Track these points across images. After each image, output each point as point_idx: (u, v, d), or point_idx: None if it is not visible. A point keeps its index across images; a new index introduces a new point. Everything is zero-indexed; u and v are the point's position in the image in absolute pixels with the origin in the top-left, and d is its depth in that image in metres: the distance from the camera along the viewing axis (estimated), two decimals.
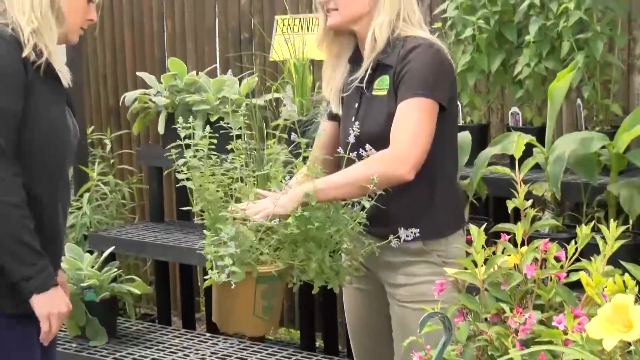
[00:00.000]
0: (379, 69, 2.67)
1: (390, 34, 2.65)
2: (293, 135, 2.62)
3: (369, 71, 2.68)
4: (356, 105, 2.72)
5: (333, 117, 2.82)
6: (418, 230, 2.53)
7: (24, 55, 2.36)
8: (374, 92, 2.68)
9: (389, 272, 2.71)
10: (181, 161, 2.56)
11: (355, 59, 2.76)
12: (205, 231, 2.52)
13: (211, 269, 2.46)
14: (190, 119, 2.64)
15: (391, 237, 2.53)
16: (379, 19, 2.65)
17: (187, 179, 2.57)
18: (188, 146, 2.57)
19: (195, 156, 2.55)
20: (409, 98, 2.57)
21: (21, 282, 2.37)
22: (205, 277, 2.49)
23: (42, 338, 2.45)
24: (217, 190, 2.56)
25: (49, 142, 2.44)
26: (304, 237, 2.50)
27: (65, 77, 2.50)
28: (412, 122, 2.55)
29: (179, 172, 2.58)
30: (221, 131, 2.68)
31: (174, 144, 2.58)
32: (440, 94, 2.60)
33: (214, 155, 2.58)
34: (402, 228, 2.54)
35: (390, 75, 2.64)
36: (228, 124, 2.69)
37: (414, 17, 2.70)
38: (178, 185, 2.59)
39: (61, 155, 2.49)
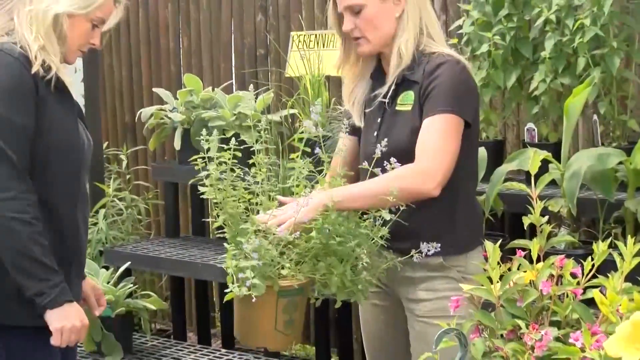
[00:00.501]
0: (403, 84, 2.68)
1: (415, 49, 2.66)
2: (317, 150, 2.61)
3: (392, 87, 2.68)
4: (379, 120, 2.72)
5: (353, 132, 2.82)
6: (439, 244, 2.52)
7: (33, 71, 2.39)
8: (398, 108, 2.68)
9: (408, 287, 2.71)
10: (203, 173, 2.56)
11: (378, 75, 2.77)
12: (226, 245, 2.53)
13: (232, 282, 2.46)
14: (205, 132, 2.64)
15: (413, 251, 2.52)
16: (404, 37, 2.66)
17: (208, 193, 2.57)
18: (210, 159, 2.57)
19: (217, 169, 2.55)
20: (435, 114, 2.57)
21: (34, 298, 2.39)
22: (226, 291, 2.48)
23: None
24: (239, 204, 2.56)
25: (64, 154, 2.47)
26: (325, 251, 2.50)
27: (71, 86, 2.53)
28: (439, 138, 2.56)
29: (200, 185, 2.58)
30: (239, 146, 2.67)
31: (196, 157, 2.58)
32: (466, 110, 2.61)
33: (237, 168, 2.58)
34: (423, 242, 2.53)
35: (415, 91, 2.65)
36: (244, 140, 2.69)
37: (436, 34, 2.71)
38: (200, 195, 2.58)
39: (77, 166, 2.51)
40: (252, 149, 2.63)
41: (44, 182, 2.43)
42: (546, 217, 2.03)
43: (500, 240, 2.45)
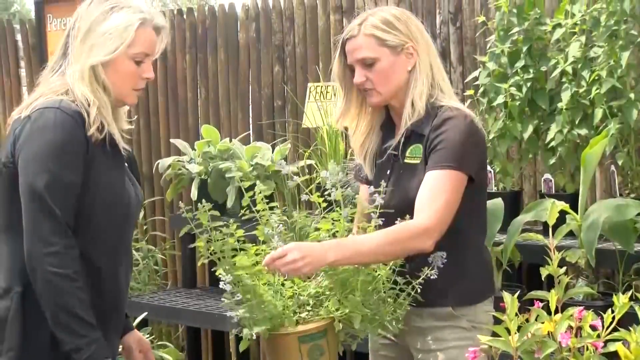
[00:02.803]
0: (412, 137, 2.68)
1: (427, 102, 2.67)
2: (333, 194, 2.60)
3: (402, 139, 2.69)
4: (388, 172, 2.73)
5: (368, 182, 2.82)
6: (444, 253, 2.51)
7: (89, 133, 2.40)
8: (407, 160, 2.69)
9: (418, 337, 2.69)
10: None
11: (388, 127, 2.78)
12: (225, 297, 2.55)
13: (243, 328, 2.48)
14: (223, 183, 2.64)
15: (426, 269, 2.51)
16: (417, 89, 2.67)
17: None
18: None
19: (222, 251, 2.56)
20: (437, 169, 2.58)
21: (72, 353, 2.38)
22: (235, 332, 2.51)
23: None
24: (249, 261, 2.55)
25: (109, 210, 2.46)
26: (343, 290, 2.48)
27: (120, 143, 2.52)
28: (440, 194, 2.56)
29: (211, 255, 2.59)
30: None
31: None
32: (470, 165, 2.61)
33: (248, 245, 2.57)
34: (433, 294, 2.54)
35: (422, 144, 2.66)
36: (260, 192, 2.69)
37: (446, 86, 2.72)
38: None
39: (121, 222, 2.51)
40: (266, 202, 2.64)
41: (86, 237, 2.43)
42: (564, 268, 2.02)
43: (517, 292, 2.43)
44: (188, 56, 5.63)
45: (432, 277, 2.51)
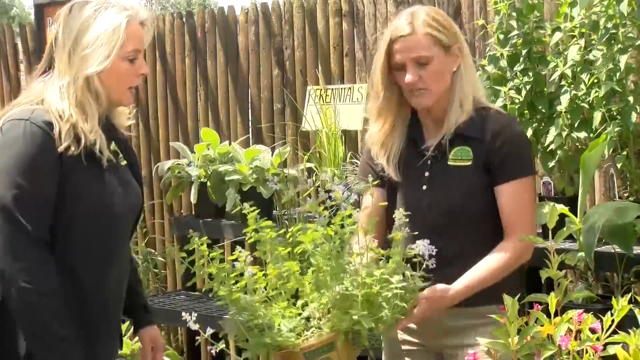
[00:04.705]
0: (456, 139, 2.68)
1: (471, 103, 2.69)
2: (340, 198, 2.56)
3: (445, 141, 2.68)
4: (426, 174, 2.71)
5: (382, 184, 2.78)
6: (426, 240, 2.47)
7: (60, 150, 2.32)
8: (450, 163, 2.68)
9: (450, 337, 2.69)
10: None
11: (415, 128, 2.76)
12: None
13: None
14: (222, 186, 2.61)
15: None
16: (464, 90, 2.68)
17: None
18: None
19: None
20: (516, 179, 2.65)
21: None
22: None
23: None
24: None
25: (91, 221, 2.39)
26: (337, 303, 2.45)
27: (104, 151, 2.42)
28: (528, 204, 2.68)
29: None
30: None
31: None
32: (533, 166, 2.76)
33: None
34: (478, 296, 2.60)
35: (475, 148, 2.66)
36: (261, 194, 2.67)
37: (481, 88, 2.78)
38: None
39: (105, 233, 2.43)
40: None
41: (68, 249, 2.37)
42: (564, 271, 2.03)
43: (517, 294, 2.43)
44: (187, 59, 5.63)
45: (431, 267, 2.46)
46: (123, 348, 3.38)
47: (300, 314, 2.47)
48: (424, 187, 2.70)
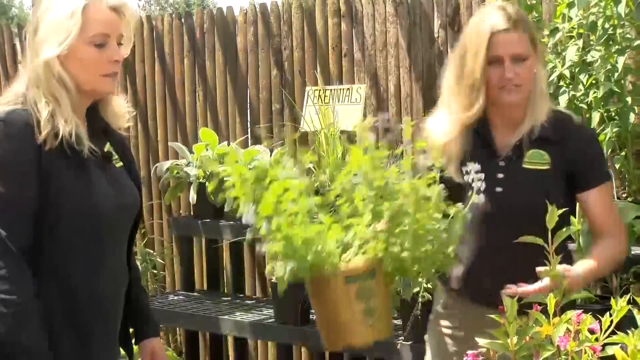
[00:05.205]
0: (533, 141, 2.67)
1: None
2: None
3: (525, 141, 2.67)
4: (500, 175, 2.67)
5: (451, 184, 2.68)
6: None
7: (39, 141, 2.26)
8: (526, 165, 2.66)
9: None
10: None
11: (485, 127, 2.72)
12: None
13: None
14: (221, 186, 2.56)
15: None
16: (543, 92, 2.69)
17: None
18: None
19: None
20: (602, 183, 2.69)
21: None
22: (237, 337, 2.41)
23: None
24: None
25: (75, 221, 2.33)
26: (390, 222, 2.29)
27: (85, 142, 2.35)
28: (613, 207, 2.74)
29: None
30: None
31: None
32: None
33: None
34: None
35: (552, 151, 2.65)
36: None
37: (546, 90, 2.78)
38: (214, 248, 2.53)
39: (91, 232, 2.37)
40: None
41: (54, 250, 2.31)
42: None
43: (517, 295, 2.43)
44: (186, 60, 5.63)
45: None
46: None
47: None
48: (500, 189, 2.64)
